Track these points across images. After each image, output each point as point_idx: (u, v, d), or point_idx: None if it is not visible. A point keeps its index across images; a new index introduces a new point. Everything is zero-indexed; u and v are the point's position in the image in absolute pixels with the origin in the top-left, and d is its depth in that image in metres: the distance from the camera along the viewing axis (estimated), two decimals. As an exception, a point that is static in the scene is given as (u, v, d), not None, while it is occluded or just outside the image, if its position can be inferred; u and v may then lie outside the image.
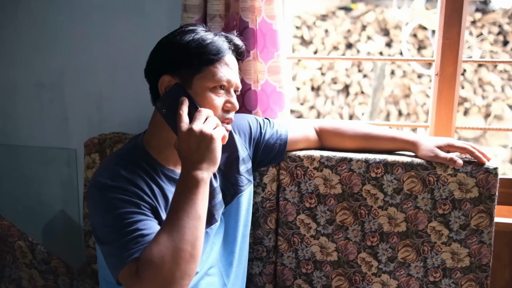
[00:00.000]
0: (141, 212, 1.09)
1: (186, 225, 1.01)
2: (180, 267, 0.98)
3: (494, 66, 4.90)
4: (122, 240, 1.04)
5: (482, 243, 1.42)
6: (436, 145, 1.42)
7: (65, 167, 1.94)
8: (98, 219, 1.11)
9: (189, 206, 1.03)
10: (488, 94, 4.94)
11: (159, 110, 1.15)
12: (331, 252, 1.50)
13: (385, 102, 5.11)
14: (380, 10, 5.05)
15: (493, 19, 4.90)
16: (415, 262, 1.46)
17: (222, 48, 1.20)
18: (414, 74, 5.03)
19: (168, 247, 0.99)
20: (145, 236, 1.04)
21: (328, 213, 1.49)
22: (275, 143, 1.46)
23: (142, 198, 1.12)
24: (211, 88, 1.18)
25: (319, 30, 5.13)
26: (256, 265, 1.55)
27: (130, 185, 1.12)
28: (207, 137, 1.07)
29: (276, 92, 1.59)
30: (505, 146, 4.95)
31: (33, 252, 1.43)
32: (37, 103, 1.91)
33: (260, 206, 1.52)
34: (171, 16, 1.69)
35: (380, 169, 1.44)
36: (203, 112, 1.12)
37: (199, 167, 1.06)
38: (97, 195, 1.11)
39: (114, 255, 1.05)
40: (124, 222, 1.06)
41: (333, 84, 5.17)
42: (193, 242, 1.01)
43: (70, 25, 1.82)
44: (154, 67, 1.22)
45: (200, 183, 1.05)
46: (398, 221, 1.45)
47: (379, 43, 5.01)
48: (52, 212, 1.97)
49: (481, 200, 1.40)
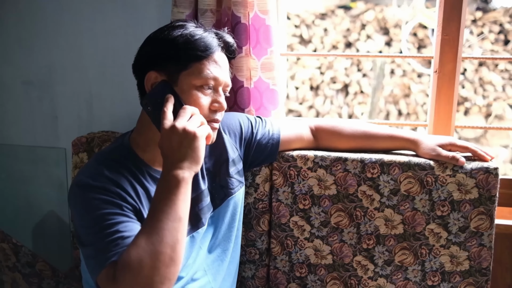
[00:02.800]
0: (122, 213, 1.04)
1: (166, 227, 0.96)
2: (159, 271, 0.94)
3: (495, 65, 4.84)
4: (101, 242, 1.00)
5: (482, 246, 1.38)
6: (438, 143, 1.38)
7: (55, 166, 1.89)
8: (79, 220, 1.07)
9: (168, 207, 0.98)
10: (489, 94, 4.88)
11: (144, 108, 1.11)
12: (325, 255, 1.45)
13: (384, 102, 5.05)
14: (380, 9, 4.99)
15: (494, 18, 4.84)
16: (412, 266, 1.41)
17: (211, 44, 1.15)
18: (414, 73, 4.98)
19: (146, 250, 0.94)
20: (125, 239, 0.99)
21: (322, 215, 1.44)
22: (267, 143, 1.41)
23: (125, 199, 1.07)
24: (197, 86, 1.13)
25: (318, 29, 5.07)
26: (249, 268, 1.50)
27: (113, 186, 1.07)
28: (190, 135, 1.03)
29: (270, 89, 1.54)
30: (506, 147, 4.89)
31: (17, 254, 1.38)
32: (25, 101, 1.86)
33: (253, 207, 1.47)
34: (161, 11, 1.65)
35: (376, 169, 1.39)
36: (188, 110, 1.07)
37: (180, 166, 1.02)
38: (78, 195, 1.07)
39: (93, 258, 1.01)
40: (104, 224, 1.01)
41: (332, 83, 5.12)
42: (173, 245, 0.96)
43: (57, 21, 1.77)
44: (141, 63, 1.18)
45: (181, 183, 1.01)
46: (395, 223, 1.40)
47: (379, 42, 4.96)
48: (41, 213, 1.93)
49: (481, 201, 1.36)
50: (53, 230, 1.94)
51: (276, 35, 1.53)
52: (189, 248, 1.22)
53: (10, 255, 1.38)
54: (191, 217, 1.23)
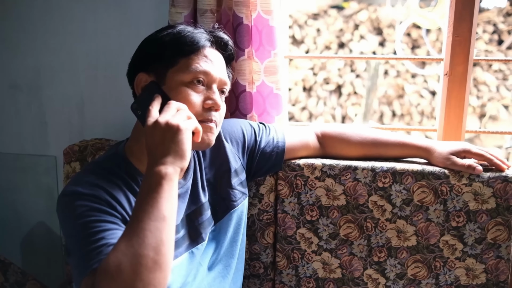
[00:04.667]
0: (110, 221, 0.96)
1: (147, 228, 0.87)
2: (141, 276, 0.84)
3: (489, 65, 4.81)
4: (84, 250, 0.92)
5: (499, 258, 1.31)
6: (452, 151, 1.31)
7: (44, 175, 1.80)
8: (66, 229, 0.99)
9: (150, 206, 0.89)
10: (483, 94, 4.85)
11: (134, 112, 1.04)
12: (334, 268, 1.38)
13: (378, 103, 5.00)
14: (373, 9, 4.94)
15: (488, 18, 4.82)
16: (426, 279, 1.35)
17: (199, 39, 1.10)
18: (408, 74, 4.94)
19: (126, 254, 0.85)
20: (109, 246, 0.91)
21: (331, 227, 1.36)
22: (272, 151, 1.33)
23: (115, 207, 0.99)
24: (187, 82, 1.07)
25: (310, 29, 5.01)
26: (253, 283, 1.42)
27: (103, 193, 1.00)
28: (172, 128, 0.95)
29: (273, 94, 1.46)
30: (500, 147, 4.87)
31: (5, 273, 1.29)
32: (13, 106, 1.77)
33: (257, 218, 1.39)
34: (158, 11, 1.57)
35: (388, 178, 1.32)
36: (173, 105, 1.00)
37: (162, 161, 0.93)
38: (66, 203, 1.00)
39: (76, 266, 0.93)
40: (90, 231, 0.93)
41: (325, 84, 5.06)
42: (156, 246, 0.86)
43: (47, 20, 1.68)
44: (132, 67, 1.13)
45: (164, 179, 0.91)
46: (408, 234, 1.33)
47: (372, 43, 4.91)
48: (31, 224, 1.83)
49: (499, 211, 1.29)
50: (43, 242, 1.85)
51: (280, 37, 1.45)
52: (188, 265, 1.14)
53: (-3, 274, 1.29)
54: (190, 232, 1.16)
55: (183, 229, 1.15)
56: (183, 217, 1.16)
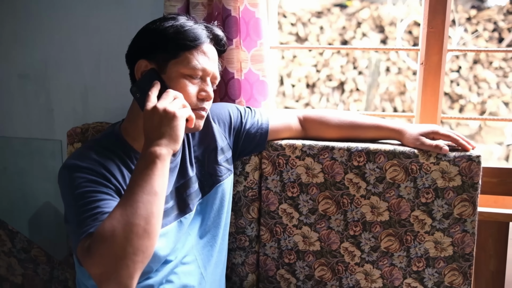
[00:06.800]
0: (105, 192, 1.08)
1: (140, 200, 0.99)
2: (131, 242, 0.96)
3: (489, 63, 4.88)
4: (81, 217, 1.03)
5: (465, 232, 1.41)
6: (421, 132, 1.41)
7: (50, 158, 1.92)
8: (65, 199, 1.11)
9: (144, 181, 1.01)
10: (483, 91, 4.92)
11: (133, 95, 1.15)
12: (313, 241, 1.49)
13: (380, 99, 5.09)
14: (375, 7, 5.03)
15: (488, 16, 4.88)
16: (398, 252, 1.45)
17: (200, 35, 1.21)
18: (409, 71, 5.02)
19: (120, 221, 0.96)
20: (104, 214, 1.02)
21: (310, 203, 1.47)
22: (256, 132, 1.44)
23: (109, 179, 1.11)
24: (185, 74, 1.18)
25: (314, 27, 5.11)
26: (239, 255, 1.54)
27: (99, 167, 1.11)
28: (169, 114, 1.07)
29: (260, 81, 1.58)
30: (501, 144, 4.93)
31: (12, 240, 1.42)
32: (21, 94, 1.90)
33: (243, 195, 1.50)
34: (154, 5, 1.68)
35: (362, 157, 1.43)
36: (171, 93, 1.12)
37: (158, 143, 1.05)
38: (65, 176, 1.11)
39: (73, 232, 1.04)
40: (86, 200, 1.05)
41: (328, 81, 5.16)
42: (147, 217, 0.98)
43: (53, 16, 1.81)
44: (133, 52, 1.24)
45: (158, 159, 1.03)
46: (381, 210, 1.44)
47: (374, 40, 5.00)
48: (37, 204, 1.96)
49: (464, 188, 1.39)
50: (49, 221, 1.97)
51: (265, 28, 1.56)
52: (177, 233, 1.26)
53: (5, 241, 1.41)
54: (179, 203, 1.28)
55: (172, 200, 1.27)
56: (173, 189, 1.28)
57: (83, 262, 0.98)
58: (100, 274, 0.95)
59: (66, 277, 1.49)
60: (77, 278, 1.28)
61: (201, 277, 1.31)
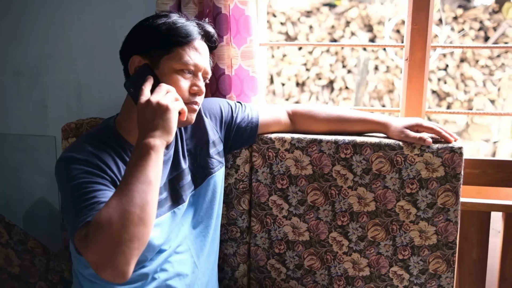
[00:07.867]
0: (101, 183, 1.12)
1: (135, 189, 1.02)
2: (128, 229, 0.99)
3: (476, 61, 4.96)
4: (78, 206, 1.07)
5: (448, 221, 1.46)
6: (405, 125, 1.46)
7: (45, 154, 1.95)
8: (62, 189, 1.14)
9: (138, 172, 1.05)
10: (470, 89, 5.00)
11: (127, 89, 1.19)
12: (303, 232, 1.54)
13: (369, 97, 5.16)
14: (364, 6, 5.10)
15: (474, 15, 4.97)
16: (384, 241, 1.50)
17: (192, 32, 1.25)
18: (397, 70, 5.09)
19: (116, 210, 1.00)
20: (100, 203, 1.06)
21: (299, 194, 1.52)
22: (246, 126, 1.49)
23: (105, 171, 1.15)
24: (177, 70, 1.22)
25: (303, 26, 5.17)
26: (230, 246, 1.58)
27: (95, 159, 1.15)
28: (162, 107, 1.11)
29: (250, 76, 1.62)
30: (487, 141, 5.02)
31: (9, 232, 1.45)
32: (16, 90, 1.93)
33: (234, 187, 1.55)
34: (147, 3, 1.72)
35: (349, 149, 1.48)
36: (163, 87, 1.16)
37: (152, 135, 1.09)
38: (62, 167, 1.15)
39: (71, 222, 1.08)
40: (83, 191, 1.08)
41: (317, 79, 5.22)
42: (142, 205, 1.02)
43: (47, 13, 1.84)
44: (127, 48, 1.27)
45: (152, 150, 1.07)
46: (368, 200, 1.49)
47: (363, 39, 5.07)
48: (32, 200, 1.99)
49: (447, 179, 1.44)
50: (44, 216, 2.00)
51: (255, 25, 1.61)
52: (171, 223, 1.30)
53: (3, 233, 1.44)
54: (172, 194, 1.32)
55: (165, 192, 1.31)
56: (166, 181, 1.32)
57: (81, 250, 1.01)
58: (98, 261, 0.99)
59: (62, 268, 1.52)
60: (73, 268, 1.32)
61: (194, 265, 1.36)
